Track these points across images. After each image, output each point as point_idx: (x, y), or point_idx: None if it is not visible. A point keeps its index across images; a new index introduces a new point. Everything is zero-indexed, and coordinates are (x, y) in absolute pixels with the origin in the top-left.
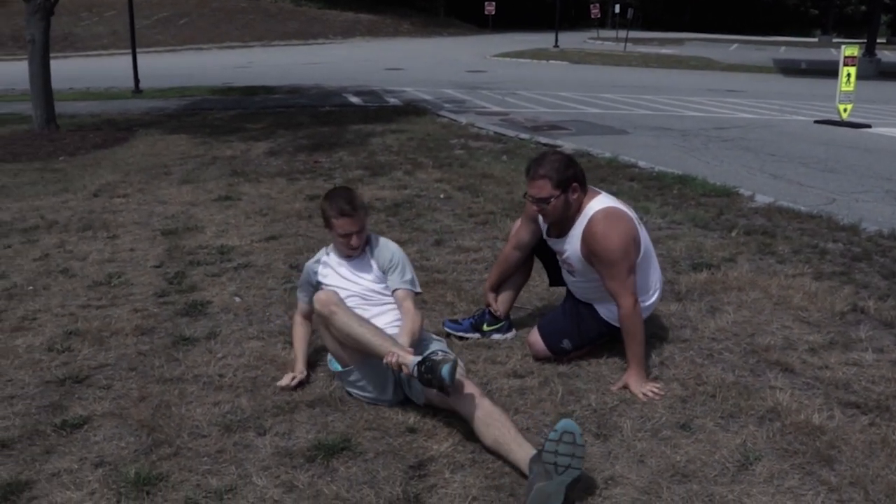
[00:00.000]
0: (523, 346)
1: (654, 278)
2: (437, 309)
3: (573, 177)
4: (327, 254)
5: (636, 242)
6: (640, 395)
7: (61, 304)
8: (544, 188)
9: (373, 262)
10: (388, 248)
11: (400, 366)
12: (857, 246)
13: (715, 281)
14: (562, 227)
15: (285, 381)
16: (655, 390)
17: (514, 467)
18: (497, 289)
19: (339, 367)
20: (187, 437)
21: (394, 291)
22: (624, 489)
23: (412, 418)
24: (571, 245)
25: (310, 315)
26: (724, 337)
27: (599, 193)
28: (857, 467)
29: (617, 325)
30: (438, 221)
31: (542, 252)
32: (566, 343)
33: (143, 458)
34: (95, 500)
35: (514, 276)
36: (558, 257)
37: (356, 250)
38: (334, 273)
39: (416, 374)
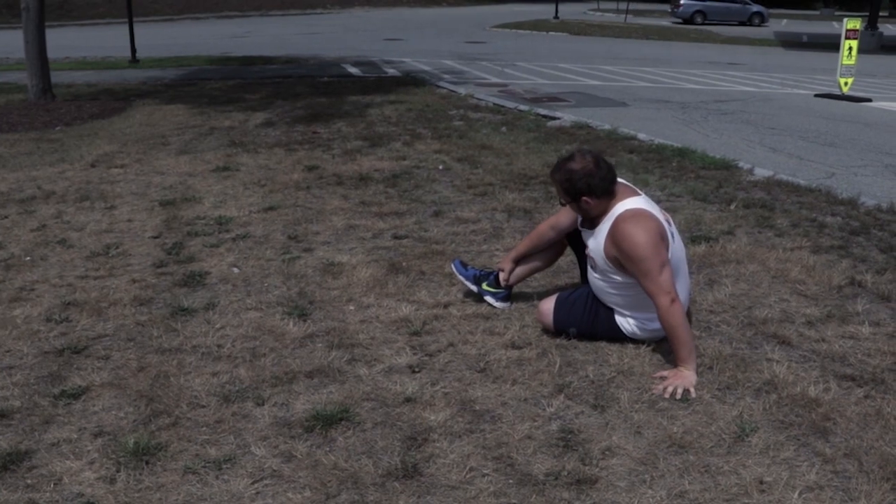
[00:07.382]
0: (521, 318)
1: (682, 290)
2: (436, 280)
3: (584, 191)
4: None
5: (664, 239)
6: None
7: (59, 274)
8: (558, 190)
9: None
10: None
11: None
12: (855, 220)
13: (713, 254)
14: (592, 220)
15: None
16: (691, 390)
17: None
18: (518, 261)
19: None
20: (186, 407)
21: None
22: (621, 459)
23: (410, 388)
24: (596, 240)
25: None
26: (722, 309)
27: (635, 195)
28: (852, 439)
29: (628, 335)
30: (437, 192)
31: (578, 246)
32: (573, 331)
33: (141, 428)
34: (95, 470)
35: (538, 256)
36: (586, 251)
37: None
38: None
39: None
